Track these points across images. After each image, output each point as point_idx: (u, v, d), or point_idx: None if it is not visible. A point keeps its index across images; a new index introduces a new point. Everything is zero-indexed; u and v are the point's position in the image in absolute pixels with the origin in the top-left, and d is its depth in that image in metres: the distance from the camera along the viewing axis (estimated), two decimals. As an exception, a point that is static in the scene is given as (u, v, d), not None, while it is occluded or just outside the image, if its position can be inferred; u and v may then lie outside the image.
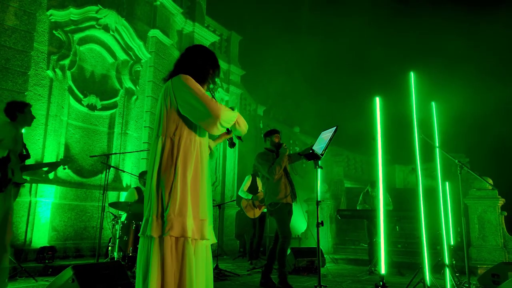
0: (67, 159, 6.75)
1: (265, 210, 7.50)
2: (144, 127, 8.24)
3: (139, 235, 2.22)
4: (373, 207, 7.64)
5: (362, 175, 15.36)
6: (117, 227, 5.31)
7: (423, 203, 4.10)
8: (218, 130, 2.27)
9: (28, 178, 5.17)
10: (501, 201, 7.48)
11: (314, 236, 8.67)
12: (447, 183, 6.13)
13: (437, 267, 5.65)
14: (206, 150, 2.36)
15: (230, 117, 2.29)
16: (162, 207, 2.12)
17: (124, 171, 7.13)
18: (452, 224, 6.22)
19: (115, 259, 5.19)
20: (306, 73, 20.69)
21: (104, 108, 7.57)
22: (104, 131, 7.63)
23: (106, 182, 5.48)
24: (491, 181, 7.75)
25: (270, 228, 7.76)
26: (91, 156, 6.30)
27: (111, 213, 5.63)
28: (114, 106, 7.73)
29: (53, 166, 5.30)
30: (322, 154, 2.43)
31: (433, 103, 4.60)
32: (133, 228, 5.50)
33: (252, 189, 7.58)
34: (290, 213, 4.88)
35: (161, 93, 2.36)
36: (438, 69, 14.97)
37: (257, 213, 7.50)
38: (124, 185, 7.61)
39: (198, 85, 2.27)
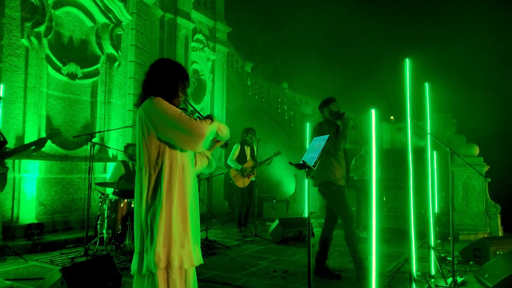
0: (54, 132, 6.50)
1: (254, 179, 7.52)
2: (128, 94, 7.96)
3: (132, 273, 2.22)
4: (364, 171, 7.74)
5: (354, 133, 15.34)
6: (105, 206, 5.26)
7: (412, 170, 3.94)
8: (204, 147, 2.31)
9: (9, 164, 4.99)
10: (486, 168, 7.59)
11: (303, 200, 8.78)
12: (435, 152, 6.16)
13: (421, 235, 5.71)
14: (190, 169, 2.34)
15: (212, 131, 2.31)
16: (152, 240, 2.12)
17: (109, 147, 6.98)
18: (437, 190, 6.31)
19: (104, 237, 5.20)
20: (294, 28, 20.04)
21: (85, 76, 7.24)
22: (87, 100, 7.35)
23: (91, 160, 5.37)
24: (477, 148, 7.82)
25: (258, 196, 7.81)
26: (74, 137, 6.12)
27: (99, 191, 5.56)
28: (95, 73, 7.39)
29: (39, 143, 5.10)
30: (314, 166, 2.35)
31: (426, 84, 4.47)
32: (121, 205, 5.52)
33: (241, 158, 7.52)
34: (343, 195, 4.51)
35: (137, 122, 2.31)
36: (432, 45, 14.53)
37: (246, 182, 7.51)
38: (110, 155, 7.48)
39: (172, 106, 2.23)
